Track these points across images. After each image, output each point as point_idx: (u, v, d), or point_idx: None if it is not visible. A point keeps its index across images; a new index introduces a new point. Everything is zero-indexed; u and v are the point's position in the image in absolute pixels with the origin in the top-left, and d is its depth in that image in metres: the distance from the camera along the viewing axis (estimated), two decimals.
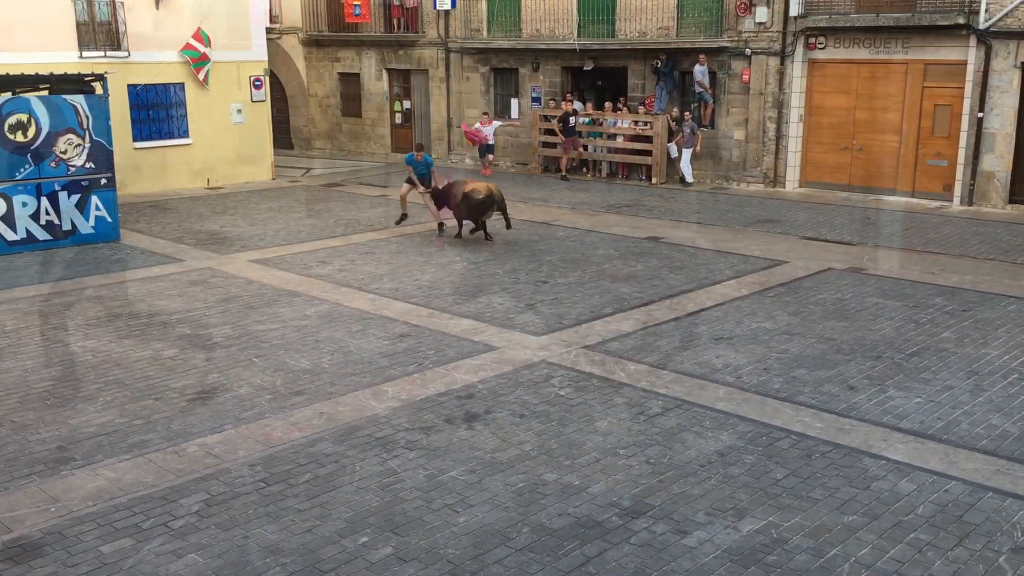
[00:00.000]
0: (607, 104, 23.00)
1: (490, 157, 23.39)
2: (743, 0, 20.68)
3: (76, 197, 15.67)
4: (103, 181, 15.94)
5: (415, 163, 16.37)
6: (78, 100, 15.54)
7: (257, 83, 23.29)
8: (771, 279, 13.26)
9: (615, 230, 16.83)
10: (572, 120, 22.50)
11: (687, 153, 21.45)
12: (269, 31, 25.43)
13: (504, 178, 23.31)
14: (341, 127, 29.29)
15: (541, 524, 6.50)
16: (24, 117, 15.00)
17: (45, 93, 16.01)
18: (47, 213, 15.40)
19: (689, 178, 21.63)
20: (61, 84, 15.95)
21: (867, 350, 10.15)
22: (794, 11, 20.09)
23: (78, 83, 16.08)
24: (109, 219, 16.09)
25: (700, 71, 21.31)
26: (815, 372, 9.49)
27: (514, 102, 25.34)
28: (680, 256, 14.75)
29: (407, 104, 27.82)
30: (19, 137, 14.99)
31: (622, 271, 13.79)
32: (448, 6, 25.10)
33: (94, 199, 15.86)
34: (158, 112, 21.80)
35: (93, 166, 15.77)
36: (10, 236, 15.08)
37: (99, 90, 15.98)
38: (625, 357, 9.98)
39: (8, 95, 15.60)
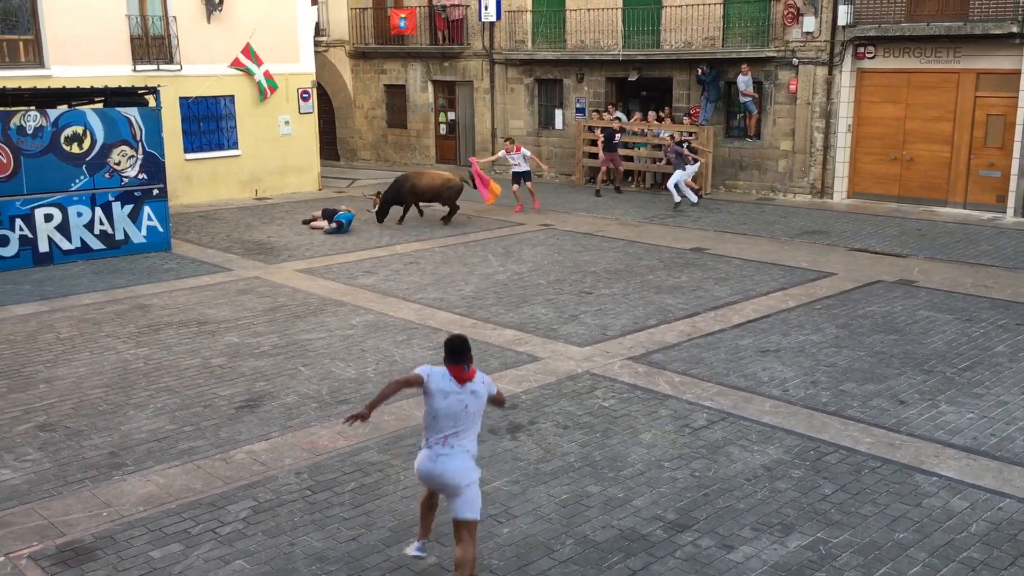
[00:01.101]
0: (650, 114, 22.91)
1: (528, 185, 20.15)
2: (790, 10, 20.51)
3: (129, 207, 16.00)
4: (155, 192, 16.26)
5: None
6: (132, 112, 15.88)
7: (305, 95, 23.61)
8: (818, 291, 13.09)
9: (659, 241, 16.75)
10: (616, 137, 22.20)
11: (677, 175, 19.87)
12: (317, 44, 25.77)
13: (548, 188, 23.34)
14: (387, 138, 29.55)
15: (585, 536, 6.47)
16: (80, 129, 15.36)
17: (100, 106, 16.39)
18: (101, 223, 15.74)
19: (692, 198, 20.03)
20: (115, 97, 16.32)
21: (918, 364, 9.98)
22: (843, 20, 19.88)
23: (132, 96, 16.44)
24: (160, 229, 16.40)
25: (744, 81, 21.15)
26: (864, 386, 9.34)
27: (558, 113, 25.36)
28: (725, 267, 14.63)
29: (452, 115, 27.99)
30: (75, 149, 15.35)
31: (667, 282, 13.71)
32: (493, 18, 25.22)
33: (146, 209, 16.18)
34: (208, 124, 22.19)
35: (145, 177, 16.10)
36: (65, 245, 15.43)
37: (152, 103, 16.33)
38: (670, 369, 9.92)
39: (64, 108, 16.00)
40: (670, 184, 20.12)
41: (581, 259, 15.37)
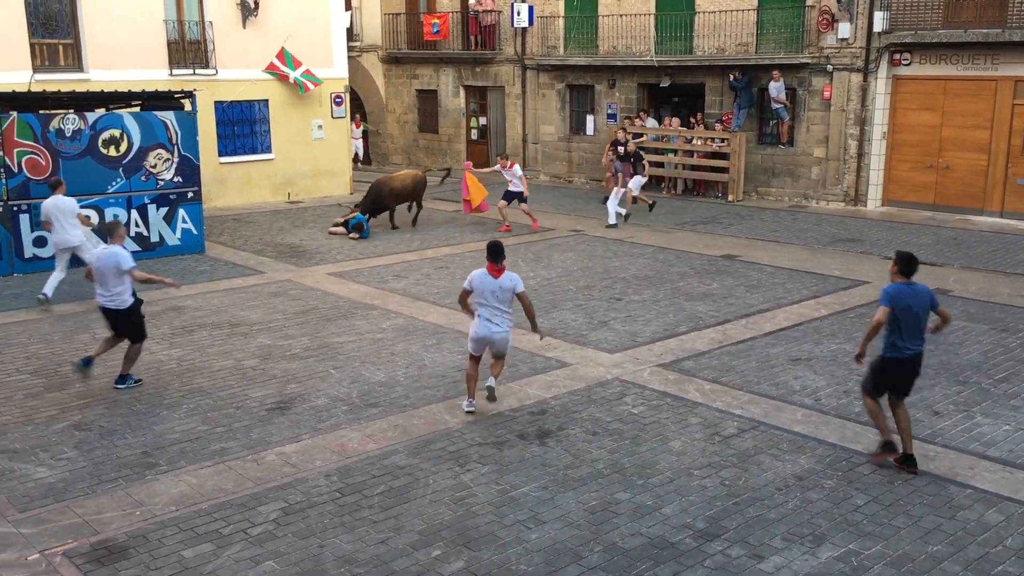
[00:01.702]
0: (675, 119, 22.80)
1: (523, 207, 18.34)
2: (825, 16, 20.35)
3: (164, 210, 16.20)
4: (190, 195, 16.45)
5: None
6: (168, 116, 16.08)
7: (338, 100, 23.77)
8: (851, 299, 12.96)
9: (690, 247, 16.67)
10: (622, 149, 20.23)
11: (617, 191, 18.99)
12: (350, 49, 25.95)
13: (579, 195, 23.32)
14: (418, 142, 29.68)
15: (613, 543, 6.45)
16: (117, 132, 15.59)
17: (137, 109, 16.62)
18: (137, 225, 15.95)
19: (612, 220, 18.65)
20: (152, 101, 16.56)
21: (953, 375, 9.84)
22: (878, 27, 19.68)
23: (168, 100, 16.68)
24: (195, 231, 16.58)
25: (776, 87, 21.01)
26: None
27: (589, 119, 25.34)
28: (757, 275, 14.53)
29: (483, 120, 28.06)
30: (112, 152, 15.57)
31: (697, 289, 13.64)
32: (526, 24, 25.27)
33: (181, 212, 16.37)
34: (243, 128, 22.40)
35: (181, 180, 16.29)
36: (101, 247, 15.61)
37: (188, 107, 16.52)
38: (700, 376, 9.86)
39: (102, 111, 16.23)
40: (610, 204, 18.77)
41: (611, 265, 15.33)
